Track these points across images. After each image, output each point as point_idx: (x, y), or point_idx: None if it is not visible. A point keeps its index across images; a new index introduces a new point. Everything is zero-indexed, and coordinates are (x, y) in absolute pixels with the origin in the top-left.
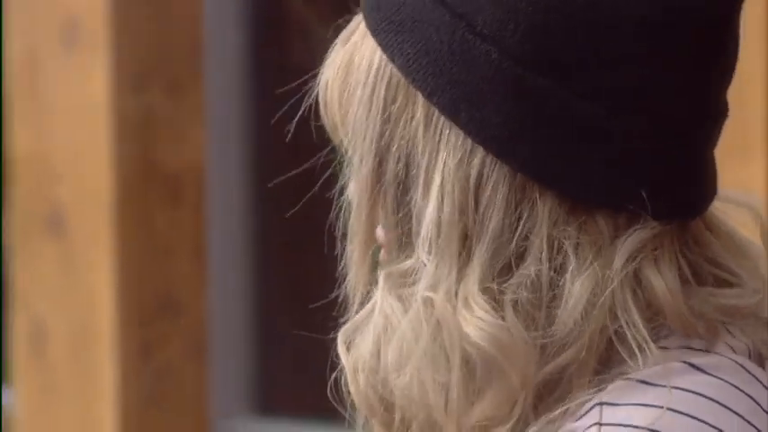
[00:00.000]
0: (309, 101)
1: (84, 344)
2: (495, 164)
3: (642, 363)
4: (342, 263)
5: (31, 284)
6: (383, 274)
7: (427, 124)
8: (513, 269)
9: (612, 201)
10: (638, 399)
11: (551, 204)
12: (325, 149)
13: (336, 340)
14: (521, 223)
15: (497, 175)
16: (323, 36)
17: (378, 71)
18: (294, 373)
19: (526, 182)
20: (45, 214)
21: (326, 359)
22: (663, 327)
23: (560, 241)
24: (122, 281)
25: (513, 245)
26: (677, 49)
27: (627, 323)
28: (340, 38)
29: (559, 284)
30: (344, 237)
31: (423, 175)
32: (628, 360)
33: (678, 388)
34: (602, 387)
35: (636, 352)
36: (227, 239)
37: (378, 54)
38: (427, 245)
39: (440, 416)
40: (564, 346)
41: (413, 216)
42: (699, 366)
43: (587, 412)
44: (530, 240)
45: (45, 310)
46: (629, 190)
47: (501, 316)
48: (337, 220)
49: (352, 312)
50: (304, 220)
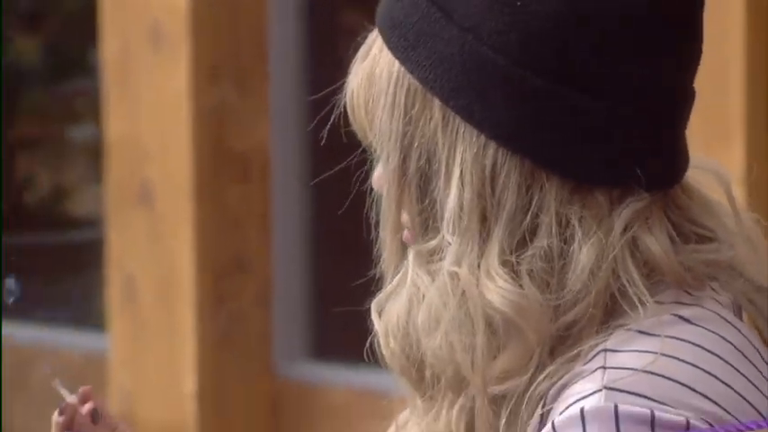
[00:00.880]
0: (339, 109)
1: (168, 296)
2: (507, 155)
3: (642, 313)
4: (377, 246)
5: (124, 247)
6: (412, 252)
7: (445, 124)
8: (528, 243)
9: (608, 179)
10: (636, 346)
11: (557, 186)
12: (361, 147)
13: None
14: (532, 204)
15: (509, 165)
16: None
17: (397, 81)
18: (344, 322)
19: (534, 168)
20: (136, 189)
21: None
22: (658, 283)
23: (567, 216)
24: (200, 244)
25: (526, 222)
26: (659, 44)
27: (627, 281)
28: (360, 53)
29: (568, 253)
30: (377, 224)
31: (443, 167)
32: (629, 312)
33: (669, 336)
34: (607, 335)
35: (637, 305)
36: (287, 209)
37: (396, 65)
38: (451, 227)
39: (467, 372)
40: (574, 303)
41: (436, 203)
42: (686, 318)
43: (593, 357)
44: (540, 218)
45: (135, 268)
46: (621, 168)
47: (519, 284)
48: (371, 209)
49: (385, 285)
50: (350, 192)
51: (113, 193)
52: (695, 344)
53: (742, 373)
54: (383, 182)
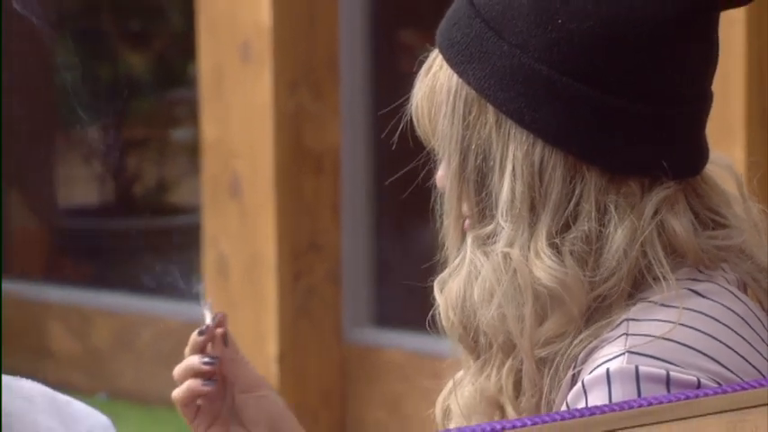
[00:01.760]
0: (406, 119)
1: (254, 272)
2: (552, 151)
3: (666, 288)
4: (441, 233)
5: (217, 231)
6: (470, 237)
7: (498, 127)
8: (571, 227)
9: (640, 170)
10: (655, 315)
11: (596, 177)
12: (425, 150)
13: (433, 286)
14: (574, 193)
15: (555, 160)
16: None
17: (456, 92)
18: (402, 294)
19: (576, 162)
20: (227, 182)
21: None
22: (679, 263)
23: (605, 203)
24: (280, 228)
25: (569, 209)
26: (684, 56)
27: (654, 259)
28: (423, 69)
29: (605, 235)
30: (441, 214)
31: (498, 164)
32: (653, 286)
33: (684, 308)
34: (631, 306)
35: (660, 280)
36: (354, 198)
37: (454, 79)
38: (505, 214)
39: (517, 338)
40: (608, 279)
41: (492, 194)
42: (699, 292)
43: (618, 325)
44: (582, 205)
45: (227, 248)
46: (652, 161)
47: (562, 263)
48: (436, 203)
49: (450, 260)
50: (409, 182)
51: (208, 185)
52: (706, 314)
53: (745, 339)
54: (445, 180)
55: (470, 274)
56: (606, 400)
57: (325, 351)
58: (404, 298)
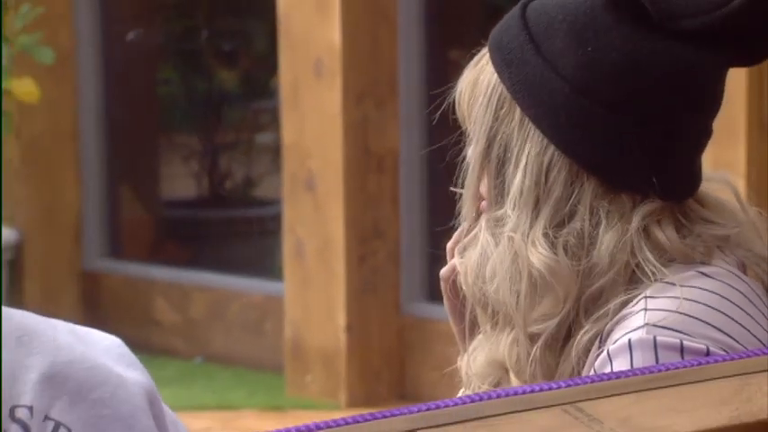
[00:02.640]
0: (448, 102)
1: (326, 255)
2: (561, 156)
3: (658, 279)
4: (459, 202)
5: (295, 219)
6: (484, 219)
7: (521, 126)
8: (566, 224)
9: (633, 186)
10: (670, 293)
11: (594, 185)
12: (457, 132)
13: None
14: (573, 195)
15: (561, 164)
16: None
17: (493, 88)
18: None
19: (579, 170)
20: (303, 178)
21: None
22: (669, 261)
23: (597, 209)
24: (348, 217)
25: (566, 208)
26: (696, 98)
27: (642, 259)
28: (472, 61)
29: (595, 236)
30: (463, 186)
31: (514, 157)
32: (647, 280)
33: (694, 287)
34: (634, 295)
35: (650, 275)
36: (410, 192)
37: (494, 76)
38: (513, 203)
39: (512, 310)
40: (602, 275)
41: (506, 182)
42: (707, 273)
43: (638, 302)
44: (578, 207)
45: (303, 234)
46: (645, 181)
47: (554, 253)
48: (459, 179)
49: (464, 234)
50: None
51: (287, 181)
52: (713, 292)
53: (748, 313)
54: (471, 159)
55: (483, 251)
56: (629, 365)
57: (386, 322)
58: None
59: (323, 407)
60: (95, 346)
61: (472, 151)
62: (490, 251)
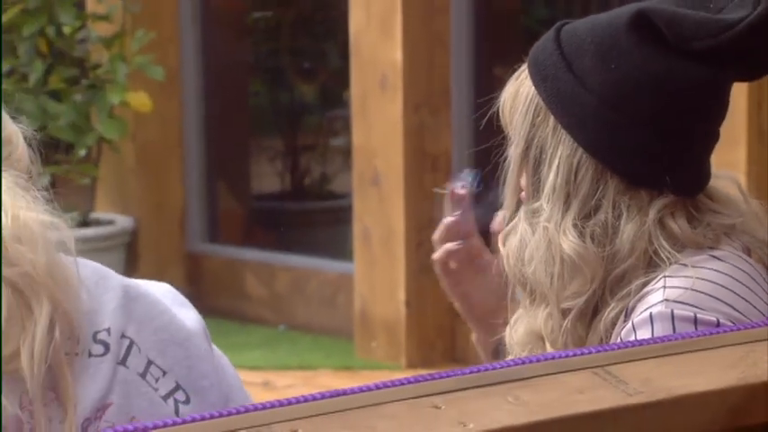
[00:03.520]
0: (494, 109)
1: (389, 241)
2: (588, 158)
3: (674, 262)
4: (501, 195)
5: (363, 211)
6: (523, 210)
7: (554, 132)
8: (592, 216)
9: (650, 184)
10: (685, 273)
11: (616, 183)
12: (500, 136)
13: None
14: (598, 191)
15: (588, 164)
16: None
17: (531, 99)
18: None
19: (604, 170)
20: (370, 175)
21: None
22: (683, 248)
23: (619, 203)
24: (407, 209)
25: (593, 202)
26: (707, 107)
27: (658, 246)
28: (513, 76)
29: (617, 226)
30: (504, 184)
31: (549, 158)
32: (663, 265)
33: (706, 267)
34: (654, 275)
35: (665, 260)
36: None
37: (532, 89)
38: (547, 197)
39: (547, 289)
40: (624, 260)
41: (541, 180)
42: (717, 256)
43: (657, 281)
44: (602, 201)
45: (370, 223)
46: (660, 179)
47: (582, 240)
48: (502, 174)
49: (505, 223)
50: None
51: (356, 177)
52: (722, 272)
53: (752, 291)
54: (512, 159)
55: (522, 238)
56: (650, 335)
57: (439, 298)
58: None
59: (386, 368)
60: (153, 288)
61: (512, 152)
62: (528, 238)
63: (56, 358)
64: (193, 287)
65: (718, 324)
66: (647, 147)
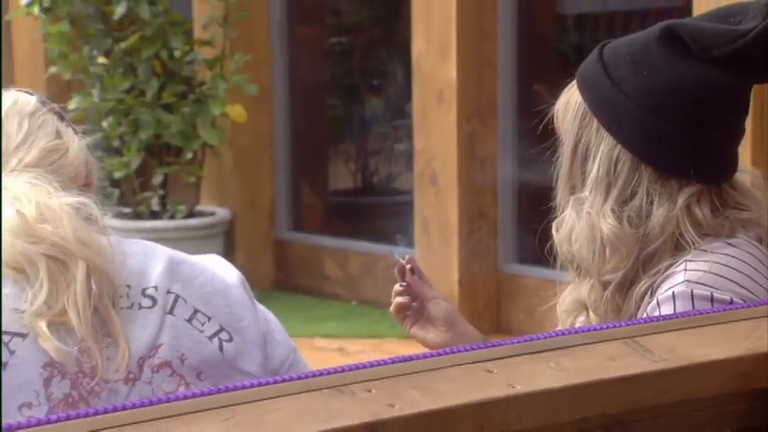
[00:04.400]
0: (550, 115)
1: (445, 231)
2: (625, 153)
3: (696, 247)
4: (555, 188)
5: (423, 205)
6: (572, 199)
7: (597, 132)
8: (628, 202)
9: (679, 174)
10: (704, 258)
11: (649, 174)
12: (553, 137)
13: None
14: (634, 181)
15: (625, 158)
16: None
17: (579, 105)
18: (535, 244)
19: (639, 162)
20: (428, 175)
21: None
22: (704, 235)
23: (652, 191)
24: (460, 203)
25: (629, 191)
26: (732, 109)
27: (684, 230)
28: (566, 89)
29: (649, 211)
30: (557, 179)
31: (592, 154)
32: (688, 247)
33: (722, 253)
34: (678, 259)
35: (690, 243)
36: (506, 185)
37: (579, 98)
38: (590, 187)
39: (590, 265)
40: (654, 240)
41: (586, 173)
42: (732, 244)
43: (679, 265)
44: (637, 190)
45: (429, 215)
46: (688, 170)
47: (620, 223)
48: (555, 171)
49: (559, 212)
50: (543, 177)
51: (417, 177)
52: (736, 257)
53: (762, 274)
54: (563, 157)
55: (571, 224)
56: (672, 311)
57: (488, 277)
58: (536, 246)
59: None
60: (201, 258)
61: (564, 151)
62: (574, 223)
63: (101, 305)
64: (280, 269)
65: (731, 302)
66: (675, 142)
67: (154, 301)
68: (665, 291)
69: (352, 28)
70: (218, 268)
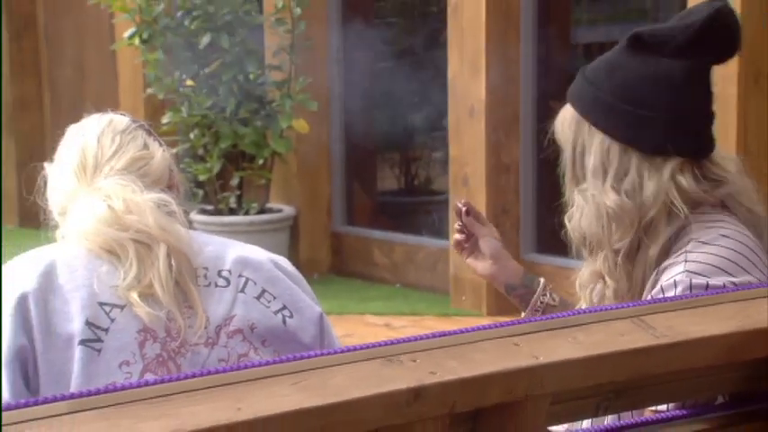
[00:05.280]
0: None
1: None
2: (614, 141)
3: (684, 216)
4: (563, 185)
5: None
6: (576, 190)
7: (589, 131)
8: (624, 178)
9: (662, 152)
10: (701, 250)
11: (637, 155)
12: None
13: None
14: (625, 163)
15: (614, 146)
16: None
17: (572, 117)
18: (550, 237)
19: (627, 147)
20: (461, 178)
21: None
22: (691, 206)
23: (642, 168)
24: (488, 202)
25: (622, 171)
26: (701, 92)
27: (672, 200)
28: (563, 107)
29: (642, 185)
30: (563, 176)
31: (588, 150)
32: (680, 213)
33: (717, 245)
34: (673, 226)
35: (680, 212)
36: (527, 186)
37: (572, 110)
38: (590, 175)
39: (600, 237)
40: (650, 208)
41: (585, 167)
42: (726, 235)
43: (679, 255)
44: (629, 168)
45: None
46: (669, 147)
47: (620, 197)
48: (561, 169)
49: (569, 207)
50: (556, 179)
51: (452, 179)
52: (729, 248)
53: (751, 261)
54: (565, 159)
55: (581, 210)
56: (673, 295)
57: None
58: (551, 238)
59: (472, 315)
60: (262, 252)
61: (565, 155)
62: (583, 208)
63: (181, 280)
64: (336, 257)
65: (723, 287)
66: (652, 125)
67: (228, 281)
68: (667, 279)
69: (397, 54)
70: (276, 258)
